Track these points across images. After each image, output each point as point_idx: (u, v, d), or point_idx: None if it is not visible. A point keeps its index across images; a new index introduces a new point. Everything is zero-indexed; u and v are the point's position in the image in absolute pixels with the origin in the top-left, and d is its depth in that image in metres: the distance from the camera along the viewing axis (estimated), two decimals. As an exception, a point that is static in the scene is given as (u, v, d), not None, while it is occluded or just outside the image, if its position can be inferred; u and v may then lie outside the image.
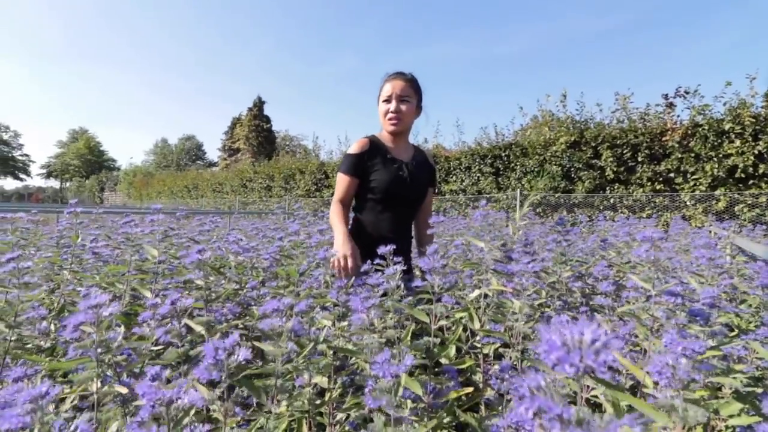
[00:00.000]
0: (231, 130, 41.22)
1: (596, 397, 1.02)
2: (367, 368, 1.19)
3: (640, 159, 8.65)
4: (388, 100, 1.91)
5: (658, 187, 8.50)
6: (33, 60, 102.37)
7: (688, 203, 8.05)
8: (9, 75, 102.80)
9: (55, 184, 62.33)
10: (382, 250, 1.28)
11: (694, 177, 8.11)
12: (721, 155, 7.82)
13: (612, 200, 8.81)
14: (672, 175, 8.38)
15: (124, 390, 0.74)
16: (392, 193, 1.91)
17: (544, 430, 0.36)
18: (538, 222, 6.13)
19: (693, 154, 8.09)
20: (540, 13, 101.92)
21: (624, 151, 8.80)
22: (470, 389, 1.09)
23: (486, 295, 1.44)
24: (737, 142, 7.63)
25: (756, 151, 7.49)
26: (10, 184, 60.86)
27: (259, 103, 38.23)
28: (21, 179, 56.77)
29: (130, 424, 0.54)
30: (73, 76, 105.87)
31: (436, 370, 1.18)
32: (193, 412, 0.59)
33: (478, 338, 1.38)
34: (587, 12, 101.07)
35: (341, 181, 1.94)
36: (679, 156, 8.24)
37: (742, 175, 7.65)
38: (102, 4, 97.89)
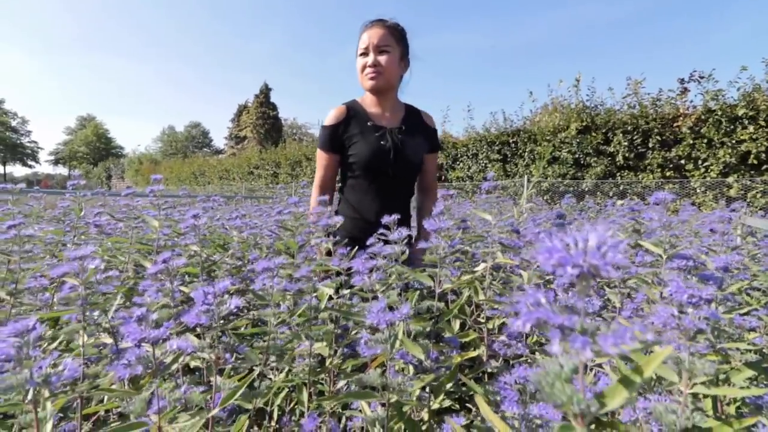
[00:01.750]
0: (237, 117, 41.17)
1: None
2: (364, 332, 1.17)
3: (650, 145, 8.52)
4: (365, 53, 1.65)
5: (668, 174, 8.38)
6: (44, 49, 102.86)
7: (698, 190, 7.93)
8: (20, 63, 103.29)
9: (63, 171, 62.87)
10: (386, 219, 1.24)
11: (705, 164, 7.97)
12: (734, 141, 7.67)
13: (621, 187, 8.70)
14: (683, 161, 8.24)
15: (109, 340, 0.73)
16: (374, 167, 1.65)
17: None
18: (545, 208, 6.07)
19: (705, 140, 7.94)
20: (553, 1, 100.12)
21: (635, 137, 8.67)
22: (474, 353, 1.06)
23: (493, 272, 1.41)
24: (751, 128, 7.48)
25: (770, 137, 7.35)
26: (19, 170, 61.41)
27: (266, 90, 38.08)
28: (30, 166, 57.24)
29: (116, 365, 0.52)
30: (82, 66, 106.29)
31: (440, 343, 1.15)
32: (182, 358, 0.57)
33: (482, 313, 1.35)
34: (601, 1, 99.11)
35: (319, 159, 1.73)
36: (691, 142, 8.10)
37: (755, 162, 7.51)
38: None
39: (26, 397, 0.46)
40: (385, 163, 1.64)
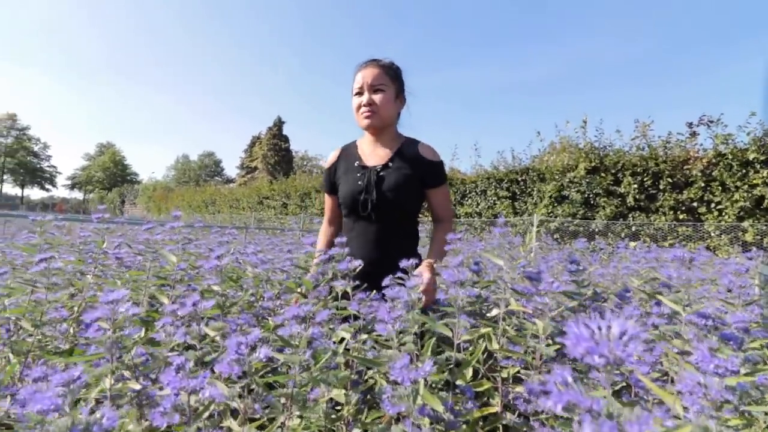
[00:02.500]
0: (250, 148, 42.07)
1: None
2: (385, 383, 1.17)
3: (661, 187, 8.52)
4: (359, 92, 1.66)
5: (681, 216, 8.34)
6: (73, 76, 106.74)
7: (712, 234, 7.86)
8: (49, 89, 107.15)
9: (78, 195, 64.10)
10: (404, 263, 1.26)
11: (719, 207, 7.93)
12: (747, 185, 7.65)
13: (633, 228, 8.65)
14: (695, 204, 8.21)
15: (137, 386, 0.74)
16: (349, 207, 1.67)
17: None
18: (555, 248, 6.04)
19: (718, 183, 7.93)
20: (561, 38, 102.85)
21: (645, 179, 8.69)
22: (494, 409, 1.05)
23: (505, 316, 1.40)
24: (764, 172, 7.47)
25: (784, 182, 7.33)
26: (36, 194, 62.69)
27: (279, 123, 39.05)
28: (47, 189, 58.50)
29: (153, 414, 0.54)
30: (107, 93, 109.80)
31: (456, 391, 1.15)
32: (213, 406, 0.59)
33: (496, 360, 1.34)
34: (609, 39, 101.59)
35: (325, 199, 1.85)
36: (703, 185, 8.09)
37: (770, 207, 7.47)
38: (136, 26, 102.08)
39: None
40: (358, 202, 1.64)
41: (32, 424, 0.83)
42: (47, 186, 57.84)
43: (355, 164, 1.70)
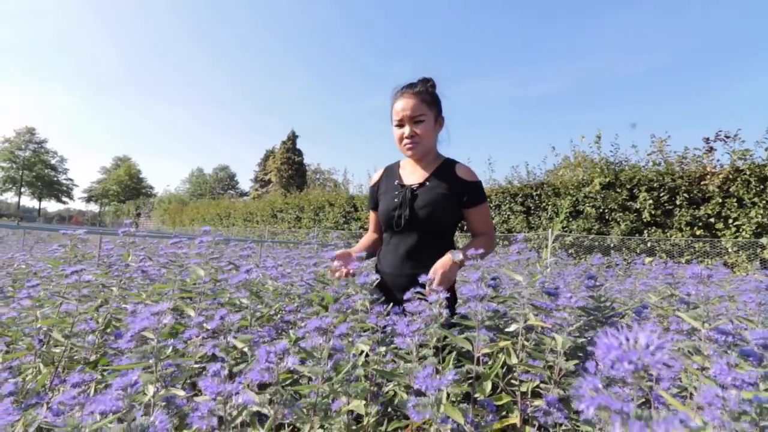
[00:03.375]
0: (264, 162, 42.64)
1: None
2: (404, 396, 1.19)
3: (678, 202, 8.43)
4: (400, 124, 1.72)
5: (697, 233, 8.22)
6: (91, 91, 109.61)
7: (729, 250, 7.73)
8: (67, 103, 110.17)
9: (94, 207, 65.35)
10: (422, 279, 1.29)
11: (736, 223, 7.81)
12: (765, 201, 7.53)
13: (649, 244, 8.55)
14: (712, 220, 8.10)
15: (181, 393, 0.77)
16: (386, 223, 1.77)
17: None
18: (571, 263, 5.99)
19: (735, 200, 7.83)
20: (576, 53, 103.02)
21: (661, 194, 8.61)
22: (515, 420, 1.07)
23: (525, 331, 1.42)
24: (782, 189, 7.37)
25: (803, 199, 7.20)
26: (53, 206, 64.06)
27: (293, 137, 39.56)
28: (63, 202, 59.73)
29: (192, 417, 0.57)
30: (124, 107, 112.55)
31: (475, 406, 1.16)
32: (244, 412, 0.62)
33: (515, 374, 1.35)
34: (624, 52, 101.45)
35: (370, 215, 1.97)
36: (720, 201, 7.99)
37: (789, 223, 7.33)
38: (153, 42, 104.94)
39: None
40: (392, 219, 1.72)
41: (70, 429, 0.87)
42: (64, 198, 59.07)
43: (395, 183, 1.80)
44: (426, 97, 1.71)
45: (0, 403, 0.82)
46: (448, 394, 1.04)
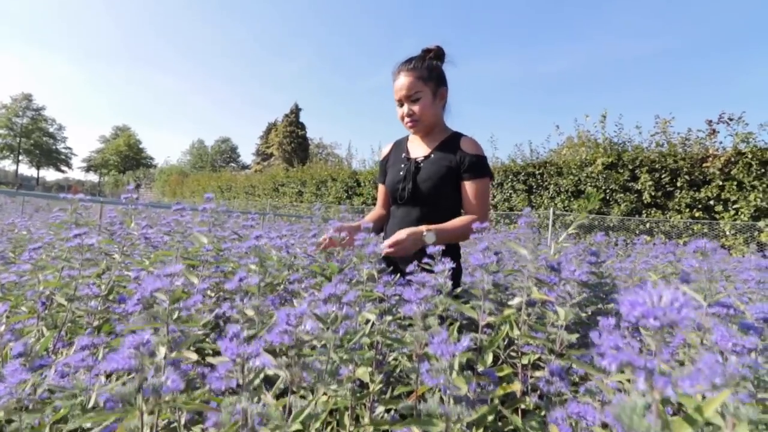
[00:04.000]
0: (266, 135, 42.25)
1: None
2: (408, 364, 1.21)
3: (679, 184, 8.41)
4: (400, 103, 1.73)
5: (696, 215, 8.23)
6: (89, 60, 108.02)
7: (727, 233, 7.75)
8: (65, 72, 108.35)
9: (93, 177, 65.07)
10: (430, 250, 1.29)
11: (735, 206, 7.81)
12: (765, 185, 7.52)
13: (648, 225, 8.57)
14: (712, 202, 8.10)
15: (193, 356, 0.78)
16: (392, 195, 1.80)
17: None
18: (571, 242, 6.01)
19: (735, 183, 7.81)
20: (583, 34, 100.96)
21: (663, 176, 8.58)
22: (516, 387, 1.08)
23: (528, 305, 1.43)
24: (784, 172, 7.34)
25: (805, 183, 7.19)
26: (51, 175, 63.74)
27: (296, 110, 39.06)
28: (62, 171, 59.35)
29: (211, 377, 0.58)
30: (123, 77, 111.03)
31: (477, 375, 1.18)
32: (262, 374, 0.62)
33: (515, 347, 1.37)
34: (630, 35, 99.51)
35: (378, 188, 1.97)
36: (720, 183, 7.97)
37: (789, 207, 7.34)
38: (154, 12, 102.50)
39: (137, 403, 0.51)
40: (397, 190, 1.75)
41: (77, 391, 0.88)
42: (63, 168, 58.68)
43: (402, 156, 1.81)
44: (423, 72, 1.69)
45: (9, 363, 0.82)
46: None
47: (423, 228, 1.55)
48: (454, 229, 1.61)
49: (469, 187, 1.70)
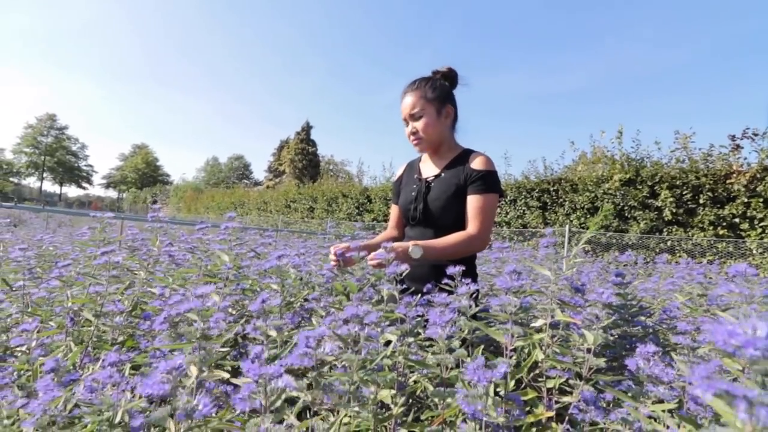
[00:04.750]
0: (278, 152, 42.85)
1: None
2: (430, 387, 1.19)
3: (701, 201, 8.24)
4: (406, 122, 1.76)
5: (721, 232, 8.03)
6: (112, 79, 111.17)
7: (754, 251, 7.54)
8: (88, 91, 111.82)
9: (113, 194, 66.55)
10: (450, 270, 1.28)
11: (762, 223, 7.61)
12: (792, 202, 7.33)
13: (669, 243, 8.39)
14: (737, 220, 7.90)
15: (225, 375, 0.78)
16: (405, 215, 1.82)
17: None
18: (588, 261, 5.92)
19: (762, 200, 7.62)
20: (597, 46, 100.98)
21: (684, 192, 8.42)
22: (550, 413, 1.06)
23: (551, 327, 1.40)
24: (811, 190, 7.15)
25: (833, 200, 6.98)
26: (73, 191, 65.40)
27: (307, 128, 39.64)
28: (83, 188, 60.98)
29: (235, 398, 0.57)
30: (143, 96, 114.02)
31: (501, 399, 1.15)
32: (284, 395, 0.62)
33: (539, 370, 1.34)
34: (648, 47, 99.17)
35: (392, 209, 1.98)
36: (746, 200, 7.78)
37: (817, 225, 7.13)
38: (173, 32, 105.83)
39: (169, 427, 0.51)
40: (409, 210, 1.77)
41: (105, 407, 0.88)
42: (84, 184, 60.29)
43: (414, 176, 1.83)
44: (426, 92, 1.71)
45: (41, 379, 0.83)
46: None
47: (410, 243, 1.53)
48: (445, 246, 1.58)
49: (470, 201, 1.67)
